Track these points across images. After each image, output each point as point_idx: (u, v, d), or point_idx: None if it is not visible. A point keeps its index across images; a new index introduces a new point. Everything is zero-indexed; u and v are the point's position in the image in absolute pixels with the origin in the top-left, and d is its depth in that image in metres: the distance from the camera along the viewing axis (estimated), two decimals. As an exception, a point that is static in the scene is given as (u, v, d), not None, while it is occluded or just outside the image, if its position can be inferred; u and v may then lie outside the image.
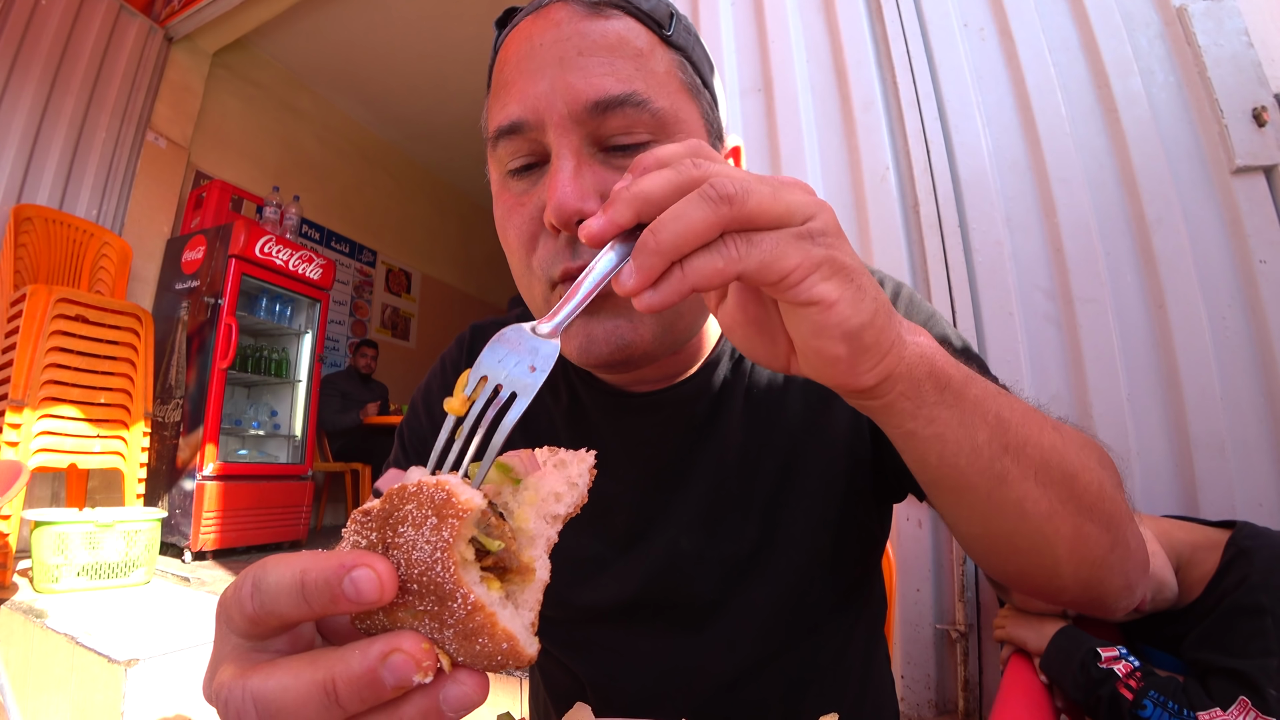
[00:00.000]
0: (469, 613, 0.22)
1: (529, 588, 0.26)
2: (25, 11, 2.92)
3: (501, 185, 0.50)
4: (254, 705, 0.22)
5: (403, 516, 0.23)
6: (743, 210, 0.28)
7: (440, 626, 0.23)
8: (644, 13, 0.47)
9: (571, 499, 0.28)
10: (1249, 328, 1.28)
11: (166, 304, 3.31)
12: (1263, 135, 1.31)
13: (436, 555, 0.22)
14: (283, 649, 0.25)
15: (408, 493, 0.23)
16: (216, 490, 2.96)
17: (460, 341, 0.70)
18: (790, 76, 1.81)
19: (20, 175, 2.88)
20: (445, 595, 0.22)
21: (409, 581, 0.22)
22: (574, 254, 0.45)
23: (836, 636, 0.60)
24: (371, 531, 0.23)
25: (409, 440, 0.68)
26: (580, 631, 0.61)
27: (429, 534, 0.22)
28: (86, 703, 1.57)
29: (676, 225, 0.28)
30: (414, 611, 0.23)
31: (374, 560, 0.22)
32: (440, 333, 5.97)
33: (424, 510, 0.22)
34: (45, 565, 2.11)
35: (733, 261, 0.28)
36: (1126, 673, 0.86)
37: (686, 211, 0.28)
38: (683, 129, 0.47)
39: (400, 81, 4.63)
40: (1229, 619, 0.86)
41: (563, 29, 0.46)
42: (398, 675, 0.21)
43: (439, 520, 0.22)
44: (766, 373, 0.59)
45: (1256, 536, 0.92)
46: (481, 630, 0.22)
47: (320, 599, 0.22)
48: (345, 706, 0.21)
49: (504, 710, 0.53)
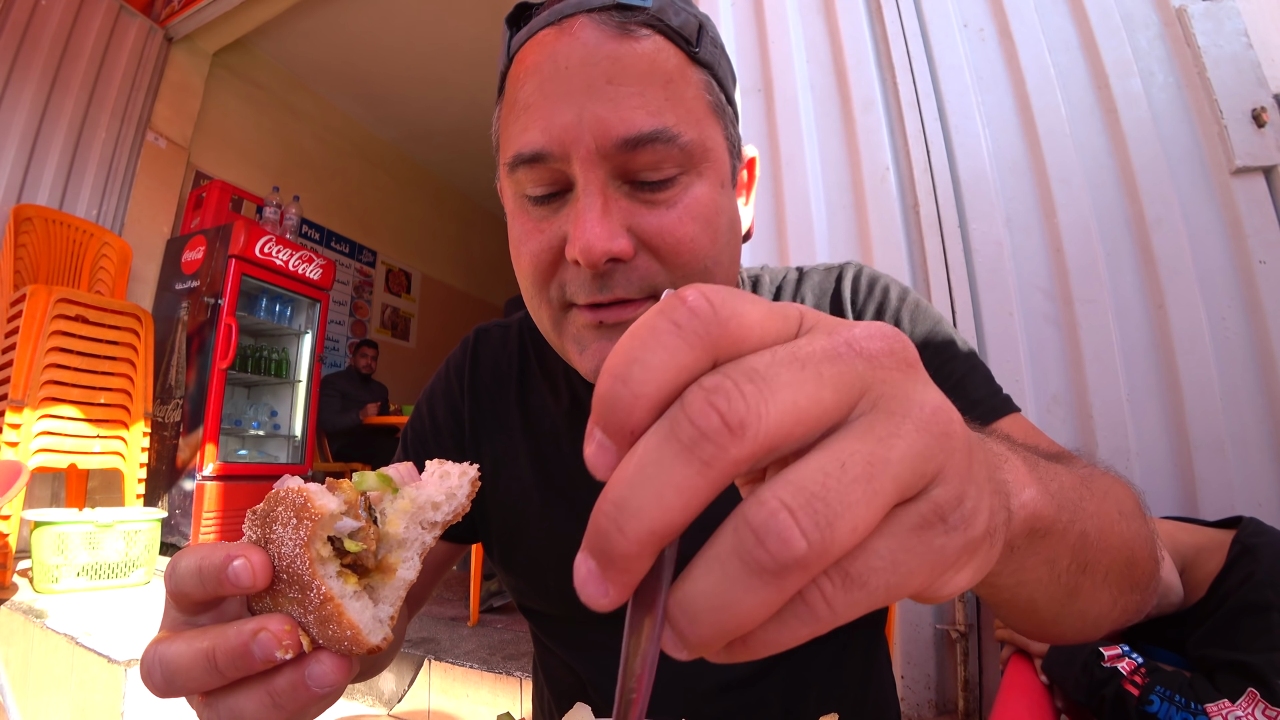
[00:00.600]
0: (321, 601, 0.26)
1: (389, 585, 0.29)
2: (25, 11, 2.92)
3: (518, 206, 0.49)
4: (159, 665, 0.27)
5: (275, 516, 0.27)
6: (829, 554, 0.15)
7: (305, 612, 0.27)
8: (674, 30, 0.45)
9: (449, 508, 0.30)
10: (1249, 328, 1.28)
11: (166, 304, 3.31)
12: (1262, 136, 1.32)
13: (297, 551, 0.26)
14: (207, 623, 0.29)
15: (279, 496, 0.27)
16: (216, 490, 2.96)
17: (465, 345, 0.70)
18: (790, 76, 1.81)
19: (20, 175, 2.88)
20: (305, 585, 0.26)
21: (280, 572, 0.26)
22: (602, 287, 0.45)
23: (837, 635, 0.60)
24: (257, 527, 0.27)
25: (411, 442, 0.68)
26: (582, 629, 0.61)
27: (291, 532, 0.26)
28: (86, 703, 1.57)
29: (721, 618, 0.16)
30: (287, 598, 0.27)
31: (251, 552, 0.26)
32: (440, 333, 5.97)
33: (289, 512, 0.26)
34: (45, 565, 2.11)
35: (827, 624, 0.17)
36: (1131, 670, 0.85)
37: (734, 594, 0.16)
38: (709, 158, 0.46)
39: (400, 81, 4.63)
40: (1235, 616, 0.85)
41: (591, 51, 0.43)
42: (263, 649, 0.25)
43: (298, 521, 0.26)
44: None
45: (1261, 534, 0.92)
46: (332, 618, 0.26)
47: (212, 583, 0.26)
48: (224, 672, 0.26)
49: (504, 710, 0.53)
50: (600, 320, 0.46)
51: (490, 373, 0.67)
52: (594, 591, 0.17)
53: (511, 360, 0.67)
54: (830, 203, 1.73)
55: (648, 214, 0.45)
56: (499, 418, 0.65)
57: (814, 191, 1.74)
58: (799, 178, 1.75)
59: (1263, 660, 0.78)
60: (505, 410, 0.65)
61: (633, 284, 0.45)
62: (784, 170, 1.76)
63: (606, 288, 0.45)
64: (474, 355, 0.68)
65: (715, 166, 0.47)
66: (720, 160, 0.48)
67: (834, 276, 0.63)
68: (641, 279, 0.45)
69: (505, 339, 0.69)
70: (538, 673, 0.72)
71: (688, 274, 0.46)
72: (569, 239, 0.44)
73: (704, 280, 0.47)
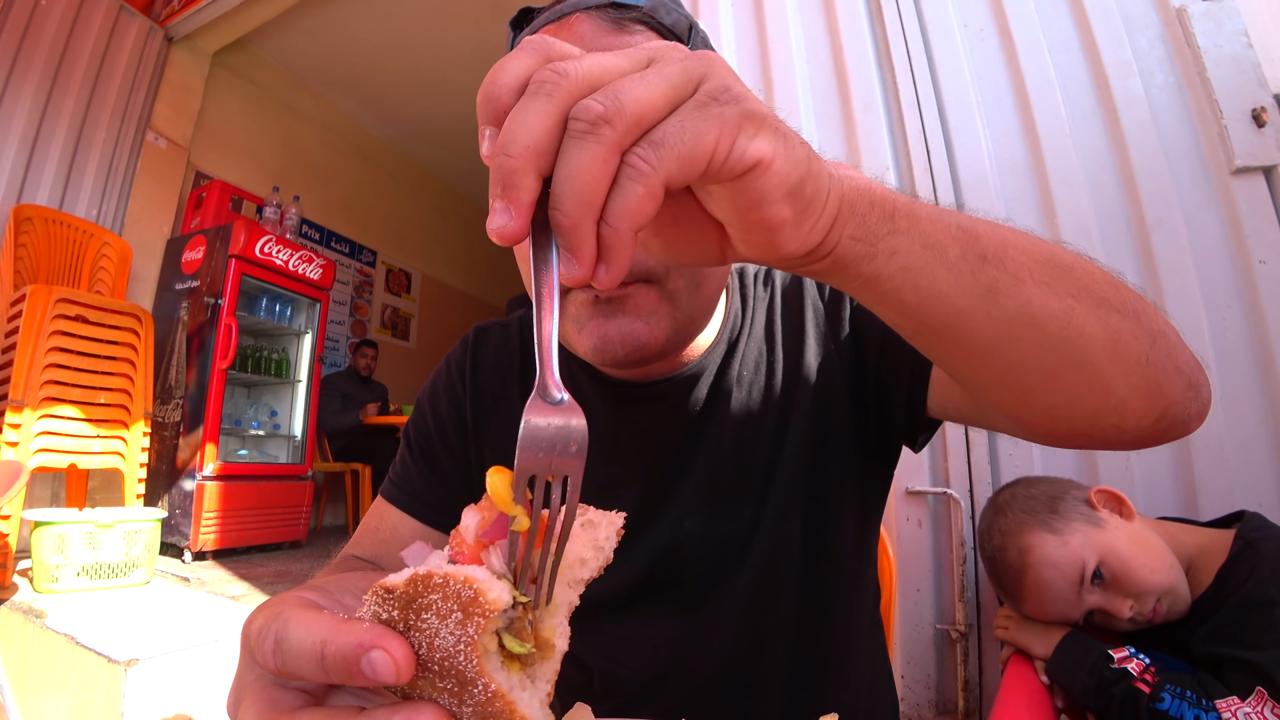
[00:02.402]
0: (489, 699, 0.23)
1: (548, 663, 0.26)
2: (25, 11, 2.91)
3: None
4: None
5: (427, 604, 0.23)
6: (629, 122, 0.23)
7: (459, 704, 0.23)
8: (666, 27, 0.48)
9: (596, 563, 0.28)
10: (1249, 328, 1.28)
11: (166, 304, 3.31)
12: (1262, 136, 1.32)
13: (460, 648, 0.22)
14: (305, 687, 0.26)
15: (434, 582, 0.23)
16: (216, 490, 2.96)
17: (465, 343, 0.71)
18: (790, 76, 1.81)
19: (20, 175, 2.88)
20: (466, 681, 0.23)
21: (429, 663, 0.23)
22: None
23: (836, 617, 0.61)
24: (394, 609, 0.23)
25: (415, 441, 0.69)
26: (588, 621, 0.61)
27: (453, 627, 0.22)
28: (86, 703, 1.57)
29: (571, 184, 0.23)
30: (435, 687, 0.23)
31: (392, 644, 0.22)
32: (440, 333, 5.97)
33: (449, 603, 0.22)
34: (45, 565, 2.11)
35: (650, 177, 0.23)
36: (1141, 670, 0.85)
37: (571, 161, 0.23)
38: None
39: (400, 81, 4.63)
40: (1239, 612, 0.85)
41: (587, 44, 0.46)
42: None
43: (464, 616, 0.22)
44: (753, 356, 0.61)
45: (1263, 528, 0.92)
46: (500, 715, 0.23)
47: (338, 672, 0.22)
48: None
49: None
50: (596, 297, 0.48)
51: (491, 369, 0.68)
52: (501, 221, 0.23)
53: (513, 357, 0.68)
54: (830, 203, 1.73)
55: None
56: (501, 414, 0.66)
57: (814, 191, 1.73)
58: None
59: (1267, 658, 0.78)
60: (507, 406, 0.66)
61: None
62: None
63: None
64: (474, 353, 0.69)
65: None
66: None
67: None
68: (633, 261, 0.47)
69: (506, 337, 0.69)
70: None
71: None
72: None
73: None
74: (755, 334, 0.63)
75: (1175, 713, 0.79)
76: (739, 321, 0.63)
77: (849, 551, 0.61)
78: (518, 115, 0.23)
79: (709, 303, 0.54)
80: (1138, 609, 0.93)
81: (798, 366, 0.60)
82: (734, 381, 0.60)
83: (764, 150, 0.25)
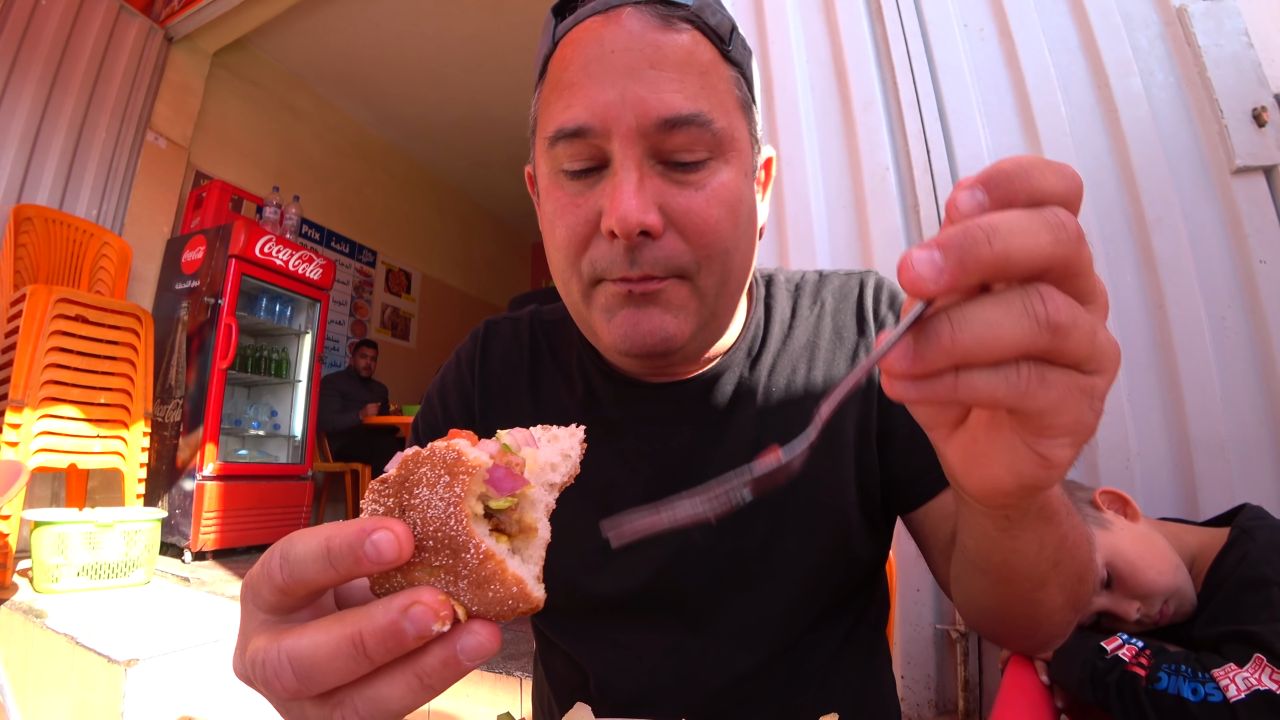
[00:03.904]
0: (480, 561, 0.24)
1: (533, 543, 0.28)
2: (25, 11, 2.92)
3: (554, 182, 0.51)
4: (290, 663, 0.24)
5: (418, 479, 0.25)
6: (1059, 347, 0.23)
7: (455, 579, 0.25)
8: (710, 27, 0.49)
9: (565, 469, 0.30)
10: (1249, 328, 1.28)
11: (166, 304, 3.31)
12: (1263, 135, 1.31)
13: (450, 510, 0.24)
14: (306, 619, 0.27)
15: (421, 456, 0.25)
16: (216, 490, 2.96)
17: (475, 336, 0.71)
18: (790, 76, 1.81)
19: (20, 175, 2.88)
20: (459, 547, 0.24)
21: (424, 539, 0.24)
22: (632, 263, 0.47)
23: (839, 638, 0.60)
24: (389, 498, 0.25)
25: (424, 433, 0.69)
26: (587, 623, 0.61)
27: (442, 491, 0.24)
28: (86, 703, 1.57)
29: (982, 332, 0.22)
30: (430, 569, 0.25)
31: (391, 523, 0.24)
32: (440, 333, 5.97)
33: (437, 470, 0.25)
34: (45, 565, 2.11)
35: (1016, 397, 0.23)
36: (1134, 655, 0.84)
37: (1001, 323, 0.22)
38: (736, 148, 0.49)
39: (400, 81, 4.63)
40: (1235, 594, 0.86)
41: (635, 38, 0.46)
42: (418, 625, 0.23)
43: (451, 478, 0.24)
44: (784, 378, 0.60)
45: (1259, 518, 0.92)
46: (493, 577, 0.24)
47: (345, 562, 0.23)
48: (373, 657, 0.23)
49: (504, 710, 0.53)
50: (630, 290, 0.48)
51: (501, 363, 0.67)
52: (924, 272, 0.22)
53: (523, 352, 0.67)
54: (830, 202, 1.73)
55: (678, 194, 0.47)
56: (509, 408, 0.65)
57: (814, 191, 1.74)
58: (799, 177, 1.75)
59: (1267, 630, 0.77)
60: (516, 401, 0.65)
61: (659, 262, 0.47)
62: (784, 170, 1.76)
63: (637, 263, 0.47)
64: (484, 346, 0.69)
65: (741, 157, 0.50)
66: (745, 152, 0.50)
67: (856, 281, 0.65)
68: (668, 257, 0.47)
69: (516, 331, 0.69)
70: (538, 669, 0.72)
71: (709, 254, 0.48)
72: (605, 211, 0.46)
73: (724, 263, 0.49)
74: (790, 346, 0.62)
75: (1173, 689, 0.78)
76: (761, 330, 0.62)
77: (859, 576, 0.60)
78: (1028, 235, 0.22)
79: (731, 303, 0.54)
80: (1145, 611, 0.93)
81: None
82: (754, 390, 0.59)
83: (1062, 459, 0.26)
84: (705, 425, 0.59)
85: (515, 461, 0.28)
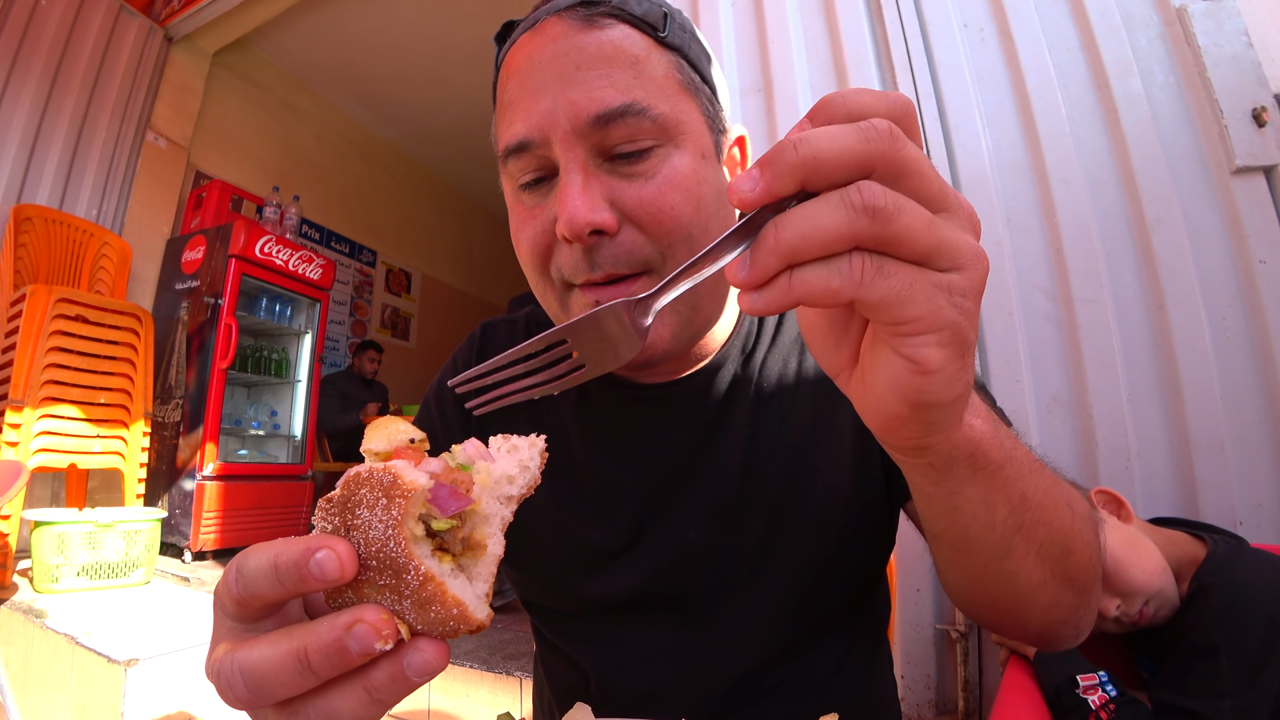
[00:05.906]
0: (421, 583, 0.24)
1: (481, 561, 0.28)
2: (25, 11, 2.91)
3: (514, 199, 0.52)
4: (240, 674, 0.25)
5: (359, 500, 0.25)
6: (886, 230, 0.24)
7: (399, 599, 0.25)
8: (637, 18, 0.49)
9: (524, 480, 0.30)
10: (1249, 328, 1.28)
11: (166, 304, 3.31)
12: (1263, 135, 1.31)
13: (389, 533, 0.24)
14: (270, 628, 0.27)
15: (361, 478, 0.25)
16: (216, 490, 2.96)
17: (471, 339, 0.71)
18: (790, 76, 1.81)
19: (20, 175, 2.88)
20: (400, 569, 0.24)
21: (368, 559, 0.25)
22: (592, 265, 0.47)
23: (840, 639, 0.60)
24: (335, 516, 0.25)
25: None
26: (587, 624, 0.61)
27: (380, 514, 0.24)
28: (86, 703, 1.57)
29: (802, 226, 0.24)
30: (376, 587, 0.25)
31: (335, 542, 0.24)
32: (440, 333, 5.97)
33: (375, 493, 0.25)
34: (45, 565, 2.11)
35: (851, 286, 0.24)
36: (1100, 704, 0.87)
37: (817, 214, 0.24)
38: (684, 130, 0.49)
39: (400, 81, 4.63)
40: (1188, 659, 0.88)
41: (560, 44, 0.47)
42: (361, 643, 0.24)
43: (388, 501, 0.24)
44: (775, 372, 0.60)
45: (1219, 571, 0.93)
46: (434, 599, 0.24)
47: (291, 579, 0.24)
48: (318, 672, 0.24)
49: (504, 710, 0.53)
50: (597, 300, 0.48)
51: None
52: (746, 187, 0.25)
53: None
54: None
55: (628, 187, 0.47)
56: (505, 412, 0.65)
57: (814, 191, 1.73)
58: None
59: (1208, 708, 0.81)
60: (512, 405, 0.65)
61: (620, 259, 0.47)
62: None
63: (596, 264, 0.47)
64: (481, 350, 0.69)
65: (693, 139, 0.49)
66: (698, 133, 0.50)
67: None
68: (628, 253, 0.47)
69: (512, 333, 0.69)
70: (538, 670, 0.72)
71: (672, 243, 0.48)
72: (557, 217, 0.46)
73: (689, 249, 0.48)
74: (781, 339, 0.61)
75: None
76: (755, 324, 0.62)
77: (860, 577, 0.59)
78: (834, 137, 0.24)
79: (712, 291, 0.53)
80: (1124, 609, 0.94)
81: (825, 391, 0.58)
82: (750, 388, 0.59)
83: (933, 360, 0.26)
84: (701, 423, 0.59)
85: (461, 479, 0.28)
